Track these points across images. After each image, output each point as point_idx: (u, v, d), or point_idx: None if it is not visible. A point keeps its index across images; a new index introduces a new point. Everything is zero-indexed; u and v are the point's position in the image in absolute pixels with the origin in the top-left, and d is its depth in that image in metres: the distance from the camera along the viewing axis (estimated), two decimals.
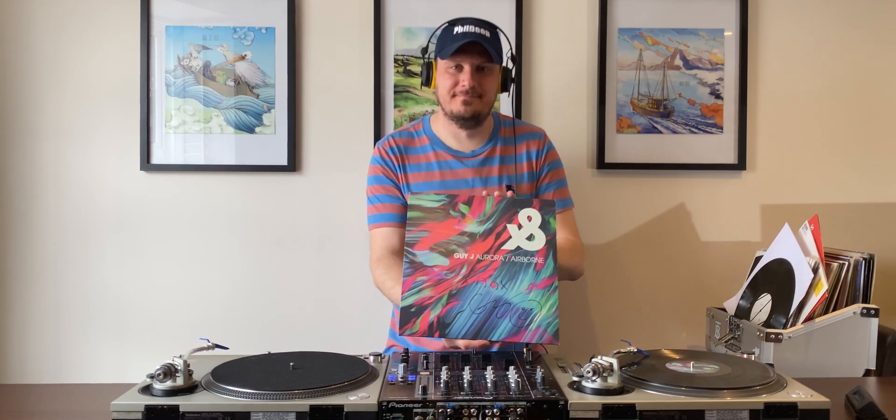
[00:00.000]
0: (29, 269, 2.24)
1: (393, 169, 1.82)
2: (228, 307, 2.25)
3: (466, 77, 1.75)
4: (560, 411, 1.16)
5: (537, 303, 1.42)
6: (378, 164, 1.83)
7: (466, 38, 1.71)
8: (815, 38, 2.28)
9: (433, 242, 1.48)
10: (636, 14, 2.25)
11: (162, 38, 2.21)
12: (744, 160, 2.26)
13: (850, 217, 2.29)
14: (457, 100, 1.77)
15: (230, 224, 2.25)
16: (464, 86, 1.76)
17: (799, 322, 1.73)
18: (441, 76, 1.78)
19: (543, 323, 1.40)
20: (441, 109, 1.82)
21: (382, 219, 1.81)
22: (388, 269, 1.75)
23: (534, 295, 1.43)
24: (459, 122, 1.79)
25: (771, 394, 1.21)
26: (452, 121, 1.80)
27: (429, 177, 1.81)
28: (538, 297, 1.42)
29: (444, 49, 1.76)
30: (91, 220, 2.24)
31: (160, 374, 1.20)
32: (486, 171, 1.82)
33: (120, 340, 2.26)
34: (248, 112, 2.23)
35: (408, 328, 1.40)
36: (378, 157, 1.84)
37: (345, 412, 1.14)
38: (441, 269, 1.45)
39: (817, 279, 1.73)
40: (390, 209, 1.81)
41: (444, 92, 1.78)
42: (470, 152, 1.83)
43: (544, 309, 1.41)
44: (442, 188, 1.79)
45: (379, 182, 1.83)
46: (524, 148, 1.86)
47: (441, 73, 1.78)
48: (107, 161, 2.24)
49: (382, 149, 1.85)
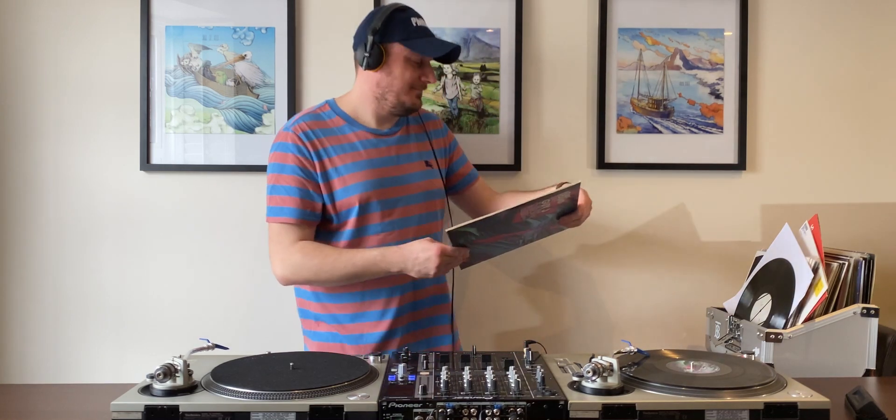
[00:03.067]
0: (29, 269, 2.24)
1: (309, 156, 1.71)
2: (228, 307, 2.25)
3: (432, 75, 1.80)
4: (560, 411, 1.16)
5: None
6: (291, 153, 1.71)
7: (447, 47, 1.78)
8: (815, 38, 2.28)
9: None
10: (636, 14, 2.25)
11: (162, 38, 2.21)
12: (744, 160, 2.26)
13: (850, 217, 2.29)
14: (413, 92, 1.78)
15: (230, 224, 2.25)
16: (428, 83, 1.80)
17: (799, 322, 1.73)
18: (401, 66, 1.75)
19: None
20: (375, 94, 1.77)
21: (297, 215, 1.70)
22: (316, 247, 1.69)
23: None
24: (399, 111, 1.80)
25: (771, 394, 1.21)
26: (393, 110, 1.79)
27: (355, 157, 1.75)
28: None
29: (411, 41, 1.74)
30: (91, 220, 2.24)
31: (160, 374, 1.21)
32: (405, 148, 1.83)
33: (120, 340, 2.26)
34: (248, 112, 2.23)
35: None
36: (292, 145, 1.71)
37: (345, 412, 1.14)
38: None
39: (817, 279, 1.73)
40: (307, 206, 1.71)
41: (402, 82, 1.75)
42: (387, 130, 1.83)
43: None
44: (369, 166, 1.75)
45: (293, 173, 1.71)
46: (430, 126, 1.91)
47: (401, 62, 1.75)
48: (107, 161, 2.23)
49: (295, 135, 1.72)
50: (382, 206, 1.75)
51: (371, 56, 1.73)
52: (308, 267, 1.69)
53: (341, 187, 1.72)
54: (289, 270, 1.70)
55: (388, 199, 1.76)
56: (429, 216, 1.84)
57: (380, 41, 1.73)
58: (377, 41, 1.73)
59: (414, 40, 1.75)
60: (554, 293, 2.30)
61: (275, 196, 1.73)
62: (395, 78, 1.75)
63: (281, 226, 1.71)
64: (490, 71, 2.23)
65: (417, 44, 1.75)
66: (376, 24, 1.73)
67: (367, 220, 1.75)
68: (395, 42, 1.74)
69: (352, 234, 1.75)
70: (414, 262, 1.64)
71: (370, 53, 1.73)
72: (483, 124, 2.24)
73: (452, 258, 1.64)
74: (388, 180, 1.77)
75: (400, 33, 1.74)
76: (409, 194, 1.79)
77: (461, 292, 2.26)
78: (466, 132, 2.24)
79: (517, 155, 2.23)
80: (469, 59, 2.22)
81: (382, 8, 1.77)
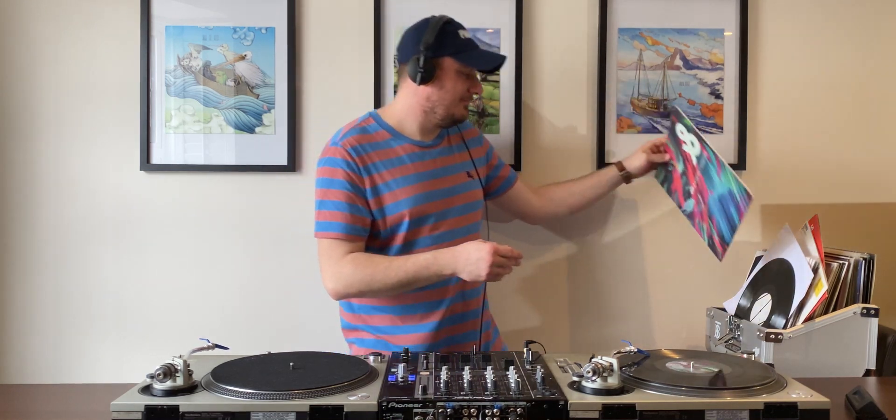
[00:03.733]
0: (29, 269, 2.24)
1: (358, 172, 1.71)
2: (228, 307, 2.25)
3: (479, 86, 1.83)
4: (560, 411, 1.16)
5: (728, 181, 1.79)
6: (341, 168, 1.71)
7: (497, 59, 1.82)
8: (815, 38, 2.28)
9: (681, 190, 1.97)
10: (636, 14, 2.25)
11: (162, 38, 2.21)
12: (744, 160, 2.26)
13: (850, 217, 2.29)
14: (462, 104, 1.80)
15: (230, 224, 2.25)
16: (476, 94, 1.82)
17: (799, 322, 1.73)
18: (453, 79, 1.76)
19: (738, 193, 1.76)
20: (425, 108, 1.77)
21: (347, 231, 1.69)
22: (367, 257, 1.69)
23: (724, 177, 1.80)
24: (447, 123, 1.81)
25: (771, 394, 1.21)
26: (441, 122, 1.80)
27: (404, 171, 1.76)
28: (726, 177, 1.80)
29: (463, 54, 1.75)
30: (91, 220, 2.24)
31: (160, 374, 1.21)
32: (449, 160, 1.85)
33: (120, 340, 2.26)
34: (248, 112, 2.23)
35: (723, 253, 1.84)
36: (341, 161, 1.71)
37: (345, 412, 1.15)
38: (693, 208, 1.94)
39: (817, 279, 1.73)
40: (357, 221, 1.71)
41: (454, 95, 1.76)
42: (431, 142, 1.83)
43: (732, 183, 1.78)
44: (417, 180, 1.75)
45: (343, 189, 1.70)
46: (468, 136, 1.92)
47: (453, 75, 1.76)
48: (107, 161, 2.23)
49: (343, 150, 1.71)
50: (431, 219, 1.76)
51: (425, 71, 1.72)
52: (360, 278, 1.67)
53: (392, 202, 1.72)
54: (341, 284, 1.68)
55: (437, 212, 1.76)
56: (472, 227, 1.85)
57: (432, 56, 1.73)
58: (429, 56, 1.72)
59: (465, 53, 1.76)
60: (554, 293, 2.29)
61: (324, 211, 1.72)
62: (447, 91, 1.76)
63: (331, 241, 1.70)
64: (490, 71, 2.23)
65: (469, 57, 1.77)
66: (428, 38, 1.72)
67: (416, 233, 1.74)
68: (446, 56, 1.74)
69: (399, 249, 1.75)
70: (465, 262, 1.62)
71: (424, 68, 1.72)
72: (483, 124, 2.24)
73: (506, 259, 1.61)
74: (435, 193, 1.77)
75: (451, 47, 1.74)
76: (454, 206, 1.80)
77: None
78: None
79: (517, 155, 2.23)
80: None
81: (431, 22, 1.76)
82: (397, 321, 1.78)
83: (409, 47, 1.77)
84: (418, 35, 1.75)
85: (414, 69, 1.73)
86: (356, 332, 1.85)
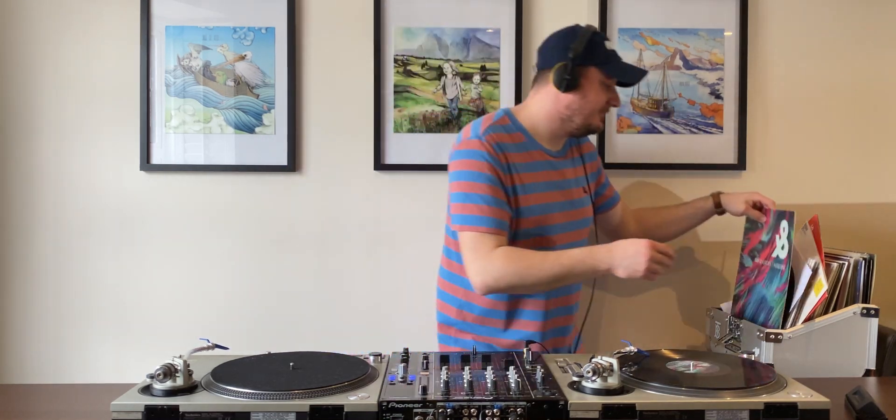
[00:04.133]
0: (29, 269, 2.24)
1: (501, 168, 1.68)
2: (228, 307, 2.25)
3: (618, 98, 1.81)
4: (560, 411, 1.16)
5: (776, 302, 1.78)
6: (487, 162, 1.67)
7: (641, 73, 1.82)
8: (815, 38, 2.28)
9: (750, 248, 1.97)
10: (636, 14, 2.25)
11: (162, 39, 2.21)
12: (744, 160, 2.26)
13: (850, 217, 2.29)
14: (600, 116, 1.79)
15: (230, 224, 2.25)
16: (616, 106, 1.82)
17: (799, 322, 1.73)
18: (596, 90, 1.75)
19: (773, 318, 1.77)
20: (563, 115, 1.75)
21: (495, 225, 1.65)
22: (518, 252, 1.64)
23: (777, 296, 1.78)
24: (580, 133, 1.81)
25: (771, 394, 1.21)
26: (576, 131, 1.79)
27: (538, 177, 1.73)
28: (778, 298, 1.77)
29: (609, 66, 1.75)
30: (91, 220, 2.24)
31: (160, 375, 1.21)
32: (572, 173, 1.84)
33: (120, 340, 2.26)
34: (248, 112, 2.23)
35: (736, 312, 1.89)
36: (487, 154, 1.67)
37: (345, 412, 1.14)
38: (749, 270, 1.95)
39: (817, 279, 1.73)
40: (503, 216, 1.67)
41: (592, 106, 1.75)
42: (557, 152, 1.83)
43: (777, 307, 1.77)
44: (548, 188, 1.74)
45: (489, 182, 1.66)
46: (585, 149, 1.93)
47: (596, 86, 1.75)
48: (107, 161, 2.24)
49: (487, 145, 1.68)
50: (555, 230, 1.75)
51: (571, 78, 1.71)
52: (513, 271, 1.62)
53: (526, 205, 1.71)
54: (491, 278, 1.62)
55: (560, 224, 1.75)
56: (581, 243, 1.81)
57: (579, 64, 1.72)
58: (576, 64, 1.71)
59: (611, 65, 1.76)
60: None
61: (469, 204, 1.67)
62: (588, 101, 1.74)
63: (478, 234, 1.65)
64: (490, 71, 2.23)
65: (615, 69, 1.77)
66: (578, 47, 1.71)
67: (539, 241, 1.72)
68: (592, 66, 1.73)
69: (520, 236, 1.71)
70: (622, 257, 1.59)
71: (570, 76, 1.71)
72: None
73: (663, 256, 1.59)
74: (561, 205, 1.77)
75: (598, 58, 1.74)
76: (573, 220, 1.79)
77: None
78: None
79: None
80: (469, 59, 2.23)
81: (579, 31, 1.75)
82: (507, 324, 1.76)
83: (554, 53, 1.76)
84: (566, 42, 1.74)
85: (560, 76, 1.71)
86: (462, 333, 1.81)
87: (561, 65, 1.71)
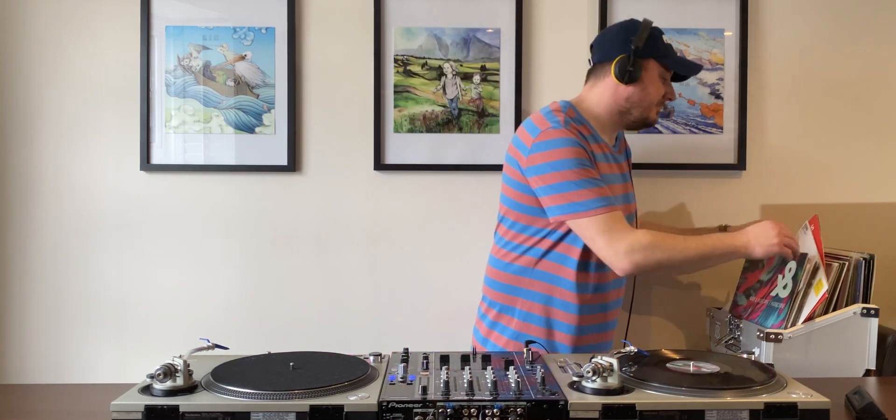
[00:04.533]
0: (29, 269, 2.24)
1: (590, 154, 1.67)
2: (228, 307, 2.25)
3: (673, 92, 1.84)
4: (560, 411, 1.16)
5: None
6: (581, 147, 1.65)
7: (697, 67, 1.84)
8: (815, 38, 2.28)
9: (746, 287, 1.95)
10: (636, 14, 2.22)
11: (162, 38, 2.21)
12: (744, 160, 2.26)
13: (850, 217, 2.29)
14: (656, 109, 1.80)
15: (230, 224, 2.25)
16: (672, 99, 1.84)
17: (799, 322, 1.73)
18: (655, 83, 1.77)
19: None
20: (621, 108, 1.77)
21: (615, 202, 1.64)
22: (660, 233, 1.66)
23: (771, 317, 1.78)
24: (636, 125, 1.82)
25: (771, 394, 1.21)
26: (632, 124, 1.81)
27: (605, 169, 1.72)
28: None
29: (667, 59, 1.78)
30: (91, 220, 2.24)
31: (160, 374, 1.20)
32: (624, 167, 1.85)
33: (120, 340, 2.26)
34: (248, 112, 2.23)
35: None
36: (577, 141, 1.65)
37: (345, 412, 1.14)
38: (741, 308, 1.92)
39: (818, 279, 1.73)
40: (609, 192, 1.65)
41: (651, 99, 1.77)
42: (614, 146, 1.83)
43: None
44: (612, 181, 1.73)
45: (585, 166, 1.64)
46: (625, 144, 1.94)
47: (655, 79, 1.77)
48: (107, 161, 2.24)
49: (574, 133, 1.66)
50: None
51: (633, 70, 1.72)
52: (661, 248, 1.61)
53: None
54: (640, 256, 1.59)
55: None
56: None
57: (640, 57, 1.73)
58: (637, 57, 1.73)
59: (669, 58, 1.79)
60: None
61: (586, 189, 1.62)
62: (648, 94, 1.76)
63: (607, 216, 1.60)
64: (490, 71, 2.23)
65: (672, 62, 1.79)
66: (639, 41, 1.73)
67: None
68: (651, 59, 1.75)
69: (583, 245, 1.68)
70: (756, 236, 1.67)
71: (634, 68, 1.72)
72: (483, 124, 2.24)
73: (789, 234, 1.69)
74: (621, 198, 1.76)
75: (657, 51, 1.76)
76: (628, 214, 1.79)
77: (461, 292, 2.26)
78: (466, 132, 2.24)
79: None
80: (469, 59, 2.23)
81: (638, 24, 1.76)
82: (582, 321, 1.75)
83: (613, 46, 1.76)
84: (626, 35, 1.75)
85: (623, 68, 1.73)
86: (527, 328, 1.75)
87: (623, 57, 1.73)
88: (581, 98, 1.83)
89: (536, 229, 1.73)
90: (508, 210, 1.78)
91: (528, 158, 1.68)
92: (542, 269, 1.74)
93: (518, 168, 1.72)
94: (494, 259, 1.83)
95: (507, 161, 1.79)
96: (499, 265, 1.81)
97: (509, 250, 1.78)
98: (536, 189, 1.68)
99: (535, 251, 1.74)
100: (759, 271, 1.92)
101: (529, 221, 1.74)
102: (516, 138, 1.76)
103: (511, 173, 1.76)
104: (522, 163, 1.70)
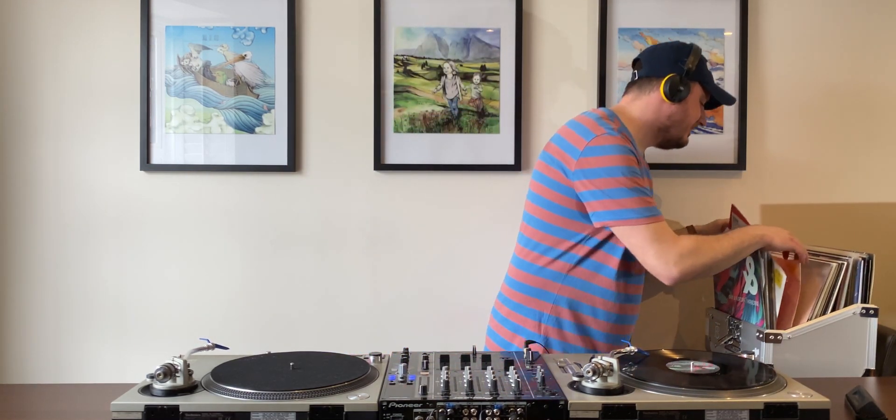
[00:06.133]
0: (29, 269, 2.24)
1: (639, 162, 1.71)
2: (228, 307, 2.26)
3: (705, 117, 1.90)
4: (560, 411, 1.16)
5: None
6: (633, 155, 1.68)
7: (732, 97, 1.92)
8: (816, 37, 2.28)
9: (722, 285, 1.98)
10: (636, 14, 2.25)
11: (162, 38, 2.21)
12: (744, 160, 2.26)
13: (850, 217, 2.29)
14: (689, 131, 1.87)
15: (230, 224, 2.25)
16: (704, 125, 1.93)
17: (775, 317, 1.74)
18: (696, 106, 1.84)
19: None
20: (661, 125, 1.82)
21: (659, 212, 1.67)
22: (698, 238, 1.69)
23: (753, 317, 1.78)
24: (669, 145, 1.88)
25: (771, 394, 1.21)
26: (667, 142, 1.87)
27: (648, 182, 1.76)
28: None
29: (711, 86, 1.86)
30: (91, 220, 2.24)
31: (160, 374, 1.21)
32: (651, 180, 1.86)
33: (120, 340, 2.26)
34: (248, 112, 2.23)
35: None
36: (630, 149, 1.68)
37: (345, 412, 1.14)
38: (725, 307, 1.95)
39: (774, 270, 1.75)
40: (656, 202, 1.68)
41: (690, 120, 1.84)
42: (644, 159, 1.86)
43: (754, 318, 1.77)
44: (652, 193, 1.75)
45: (636, 175, 1.66)
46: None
47: (696, 102, 1.84)
48: (107, 161, 2.24)
49: (627, 140, 1.69)
50: None
51: (684, 91, 1.78)
52: (704, 251, 1.65)
53: None
54: (687, 263, 1.63)
55: None
56: None
57: (689, 79, 1.79)
58: (687, 78, 1.79)
59: (713, 85, 1.86)
60: None
61: (637, 197, 1.64)
62: (688, 115, 1.82)
63: (657, 226, 1.64)
64: (490, 71, 2.23)
65: (716, 89, 1.87)
66: (691, 63, 1.79)
67: None
68: (696, 82, 1.81)
69: (623, 253, 1.70)
70: (768, 227, 1.75)
71: (683, 88, 1.78)
72: (483, 124, 2.24)
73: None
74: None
75: (703, 76, 1.83)
76: None
77: (461, 292, 2.26)
78: (466, 132, 2.24)
79: (517, 155, 2.23)
80: (469, 59, 2.23)
81: (690, 48, 1.82)
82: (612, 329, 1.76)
83: (664, 64, 1.80)
84: (677, 56, 1.81)
85: (674, 87, 1.77)
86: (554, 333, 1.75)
87: (675, 76, 1.77)
88: (622, 108, 1.84)
89: (573, 233, 1.73)
90: (542, 211, 1.77)
91: (578, 161, 1.68)
92: (577, 276, 1.73)
93: (562, 169, 1.71)
94: (520, 261, 1.82)
95: (546, 161, 1.78)
96: (529, 268, 1.78)
97: (540, 253, 1.77)
98: (582, 192, 1.68)
99: (569, 257, 1.73)
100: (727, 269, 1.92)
101: (567, 225, 1.73)
102: (562, 140, 1.75)
103: (551, 174, 1.75)
104: (570, 165, 1.69)
